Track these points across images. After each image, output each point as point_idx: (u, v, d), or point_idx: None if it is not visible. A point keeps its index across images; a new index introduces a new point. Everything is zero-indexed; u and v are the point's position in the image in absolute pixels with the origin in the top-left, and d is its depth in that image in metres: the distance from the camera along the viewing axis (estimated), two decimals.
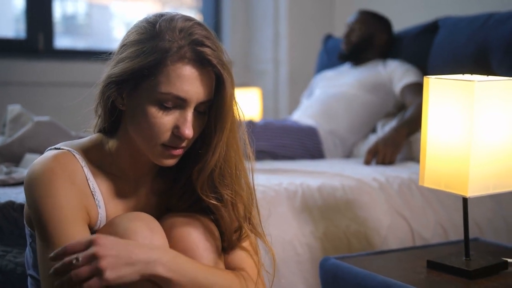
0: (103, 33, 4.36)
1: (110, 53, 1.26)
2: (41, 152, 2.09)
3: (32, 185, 1.18)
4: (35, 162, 1.21)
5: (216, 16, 4.32)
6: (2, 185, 1.89)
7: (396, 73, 2.87)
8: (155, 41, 1.16)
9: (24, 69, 3.55)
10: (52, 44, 3.71)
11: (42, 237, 1.16)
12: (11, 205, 1.66)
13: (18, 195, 1.71)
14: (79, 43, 4.26)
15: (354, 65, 3.10)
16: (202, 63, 1.18)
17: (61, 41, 3.88)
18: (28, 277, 1.34)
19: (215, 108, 1.21)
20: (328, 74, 3.19)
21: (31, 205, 1.18)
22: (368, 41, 3.03)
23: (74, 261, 1.04)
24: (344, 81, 3.00)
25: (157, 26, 1.18)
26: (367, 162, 2.52)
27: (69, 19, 4.23)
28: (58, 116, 2.74)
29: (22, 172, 1.95)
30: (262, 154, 2.65)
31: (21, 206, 1.65)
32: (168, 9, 4.58)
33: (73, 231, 1.16)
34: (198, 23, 1.20)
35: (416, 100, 2.72)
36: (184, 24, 1.18)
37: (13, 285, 1.63)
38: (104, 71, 1.23)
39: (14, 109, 2.34)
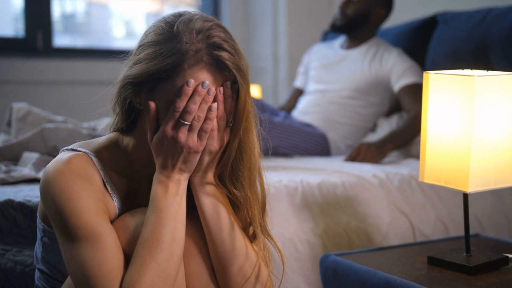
0: (102, 32, 4.35)
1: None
2: (41, 153, 2.11)
3: (48, 187, 1.17)
4: (49, 165, 1.20)
5: (215, 13, 4.32)
6: (1, 184, 1.89)
7: (395, 70, 2.79)
8: (173, 43, 1.15)
9: (23, 67, 3.54)
10: (51, 43, 3.70)
11: (66, 233, 1.15)
12: (10, 204, 1.65)
13: (17, 193, 1.71)
14: (78, 42, 4.25)
15: (347, 46, 3.00)
16: (219, 67, 1.17)
17: (60, 40, 3.88)
18: (36, 271, 1.34)
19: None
20: (321, 53, 3.10)
21: (49, 206, 1.17)
22: (365, 16, 2.89)
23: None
24: (338, 77, 2.92)
25: (175, 27, 1.17)
26: (348, 160, 2.52)
27: (68, 18, 4.22)
28: (57, 115, 2.74)
29: (21, 171, 1.95)
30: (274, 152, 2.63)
31: (20, 204, 1.65)
32: (167, 8, 4.59)
33: (97, 221, 1.15)
34: (218, 24, 1.20)
35: (413, 107, 2.67)
36: (203, 25, 1.17)
37: (12, 283, 1.63)
38: (121, 70, 1.22)
39: (20, 108, 2.32)
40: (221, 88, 1.18)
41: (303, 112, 2.96)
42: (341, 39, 3.09)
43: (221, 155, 1.23)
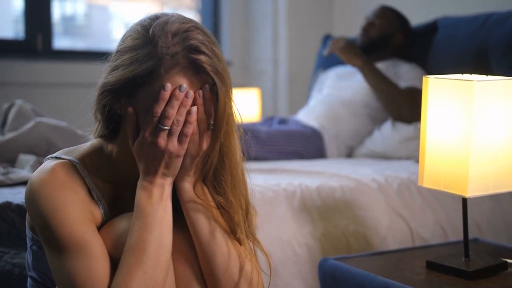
0: (102, 34, 4.35)
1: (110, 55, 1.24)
2: (35, 153, 2.10)
3: (33, 198, 1.16)
4: (34, 174, 1.20)
5: (215, 16, 4.32)
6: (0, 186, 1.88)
7: (405, 76, 2.83)
8: (148, 48, 1.14)
9: (23, 69, 3.54)
10: (51, 45, 3.70)
11: (52, 244, 1.15)
12: (8, 206, 1.65)
13: (15, 195, 1.70)
14: (78, 44, 4.25)
15: None
16: (197, 70, 1.15)
17: (60, 42, 3.88)
18: (28, 278, 1.34)
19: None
20: (337, 69, 3.16)
21: (35, 216, 1.17)
22: (387, 39, 2.95)
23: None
24: (352, 83, 2.96)
25: (151, 31, 1.15)
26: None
27: (68, 20, 4.22)
28: (57, 117, 2.73)
29: (19, 173, 1.95)
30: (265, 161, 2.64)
31: (18, 206, 1.64)
32: (167, 10, 4.59)
33: (83, 230, 1.15)
34: (195, 26, 1.17)
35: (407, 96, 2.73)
36: (179, 27, 1.15)
37: (10, 286, 1.62)
38: (101, 76, 1.21)
39: (18, 105, 2.32)
40: (200, 91, 1.16)
41: (310, 109, 2.99)
42: None
43: (204, 159, 1.21)
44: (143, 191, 1.17)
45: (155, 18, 1.18)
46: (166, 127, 1.14)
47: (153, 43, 1.14)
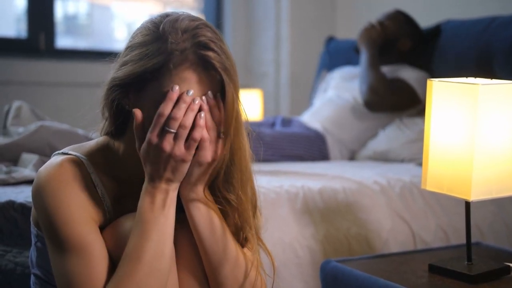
0: (104, 34, 4.35)
1: (115, 54, 1.24)
2: (39, 153, 2.10)
3: (40, 193, 1.17)
4: (41, 169, 1.20)
5: (218, 17, 4.32)
6: (2, 185, 1.88)
7: (406, 76, 2.83)
8: (158, 44, 1.15)
9: (25, 68, 3.54)
10: (53, 44, 3.71)
11: (55, 241, 1.16)
12: (11, 205, 1.65)
13: (18, 194, 1.70)
14: (80, 43, 4.26)
15: None
16: (206, 66, 1.15)
17: (62, 41, 3.88)
18: (32, 276, 1.34)
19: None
20: (343, 70, 3.15)
21: (40, 212, 1.17)
22: (391, 43, 2.93)
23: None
24: (356, 86, 2.96)
25: (161, 27, 1.16)
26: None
27: (71, 19, 4.23)
28: (58, 116, 2.74)
29: (22, 172, 1.94)
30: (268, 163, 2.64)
31: (21, 206, 1.64)
32: (169, 10, 4.57)
33: (86, 231, 1.15)
34: (204, 24, 1.18)
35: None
36: (189, 24, 1.16)
37: (12, 285, 1.62)
38: (109, 72, 1.21)
39: (17, 106, 2.31)
40: (205, 98, 1.16)
41: (315, 111, 2.98)
42: None
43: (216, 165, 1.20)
44: (147, 195, 1.16)
45: (165, 15, 1.20)
46: (172, 130, 1.13)
47: (163, 39, 1.15)
